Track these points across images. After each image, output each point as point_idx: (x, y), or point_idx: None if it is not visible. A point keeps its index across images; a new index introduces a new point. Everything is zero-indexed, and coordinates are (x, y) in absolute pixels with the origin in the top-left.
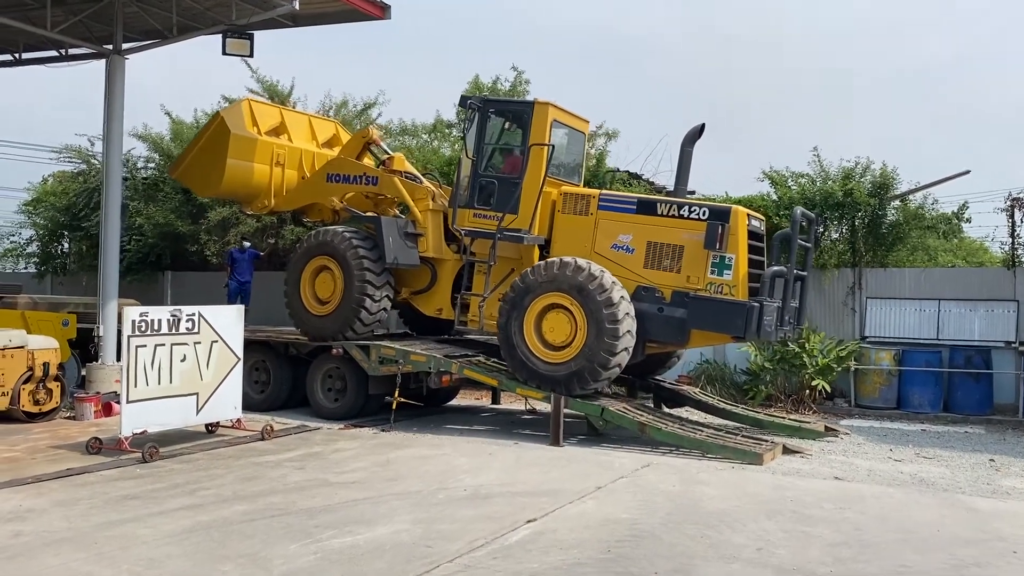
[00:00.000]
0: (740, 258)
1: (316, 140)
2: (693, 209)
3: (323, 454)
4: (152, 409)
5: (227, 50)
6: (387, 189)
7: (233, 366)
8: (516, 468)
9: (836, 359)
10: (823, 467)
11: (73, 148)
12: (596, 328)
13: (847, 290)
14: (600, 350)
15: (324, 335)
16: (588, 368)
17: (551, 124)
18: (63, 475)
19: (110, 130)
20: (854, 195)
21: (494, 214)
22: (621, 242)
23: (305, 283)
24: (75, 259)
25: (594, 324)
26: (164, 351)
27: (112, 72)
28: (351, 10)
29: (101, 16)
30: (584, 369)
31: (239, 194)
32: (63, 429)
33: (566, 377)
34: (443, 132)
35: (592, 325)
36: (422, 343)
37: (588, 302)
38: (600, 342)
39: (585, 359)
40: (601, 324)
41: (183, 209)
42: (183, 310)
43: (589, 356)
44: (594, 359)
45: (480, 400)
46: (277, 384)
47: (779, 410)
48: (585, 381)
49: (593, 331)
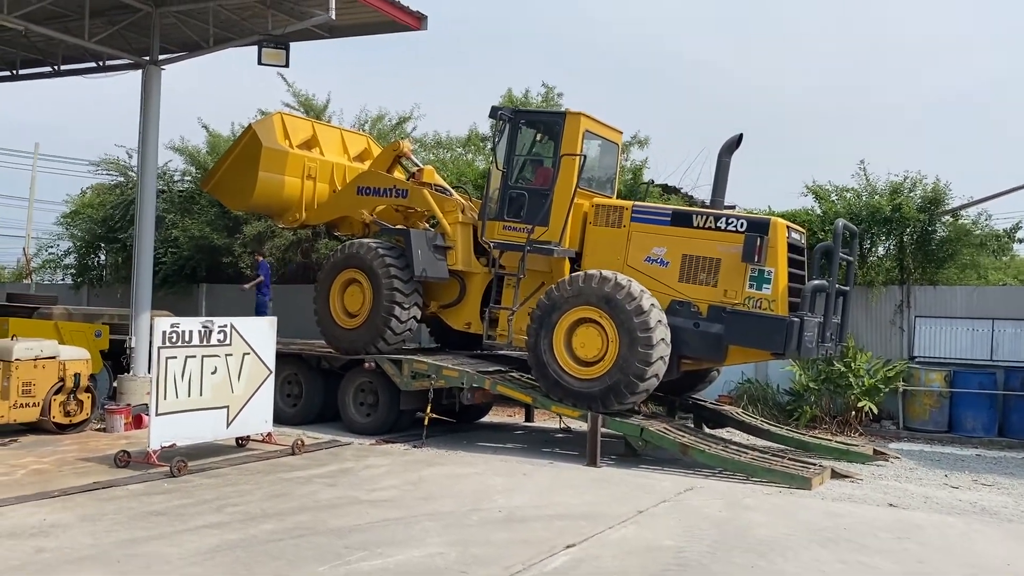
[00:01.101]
0: (780, 272)
1: (348, 154)
2: (730, 221)
3: (354, 470)
4: (181, 422)
5: (262, 60)
6: (417, 202)
7: (265, 379)
8: (552, 489)
9: (884, 380)
10: (875, 493)
11: (111, 160)
12: (628, 338)
13: (895, 308)
14: (635, 361)
15: (352, 348)
16: (624, 381)
17: (583, 135)
18: (90, 489)
19: (146, 140)
20: (902, 210)
21: (524, 226)
22: (655, 255)
23: (334, 296)
24: (111, 271)
25: (625, 334)
26: (195, 363)
27: (148, 82)
28: (388, 21)
29: (138, 27)
30: (620, 383)
31: (271, 207)
32: (93, 441)
33: (602, 393)
34: (477, 145)
35: (624, 336)
36: (454, 358)
37: (617, 313)
38: (633, 352)
39: (620, 372)
40: (633, 333)
41: (219, 222)
42: (215, 321)
43: (623, 368)
44: (629, 371)
45: (512, 417)
46: (309, 398)
47: (824, 432)
48: (622, 395)
49: (625, 342)
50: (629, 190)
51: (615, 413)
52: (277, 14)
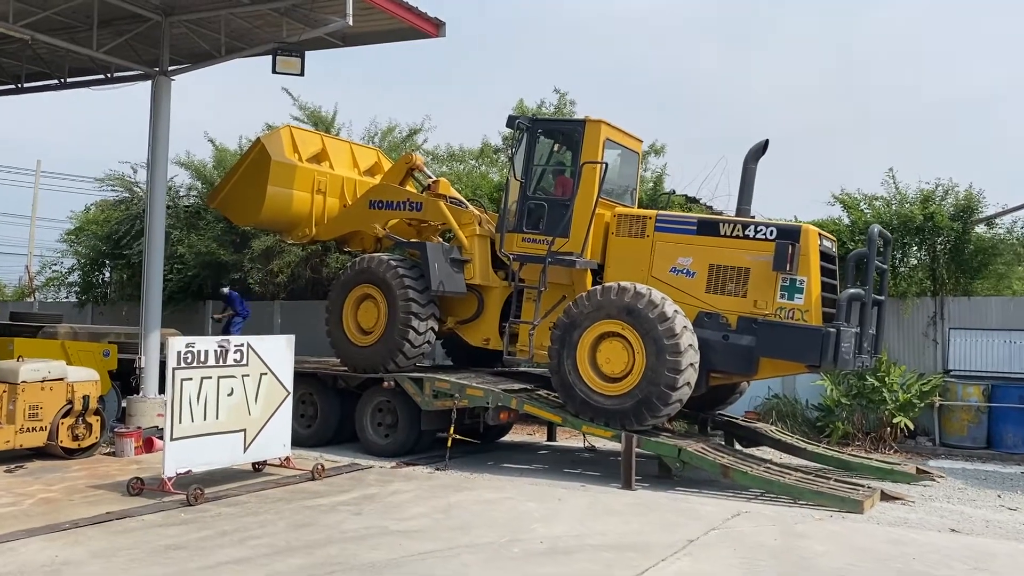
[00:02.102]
0: (812, 280)
1: (358, 168)
2: (759, 229)
3: (379, 496)
4: (197, 447)
5: (277, 68)
6: (432, 214)
7: (283, 400)
8: (591, 516)
9: (919, 394)
10: (932, 516)
11: (116, 176)
12: (654, 347)
13: (927, 320)
14: (664, 370)
15: (367, 366)
16: (655, 393)
17: (603, 143)
18: (103, 520)
19: (155, 152)
20: (935, 219)
21: (544, 238)
22: (681, 265)
23: (347, 312)
24: (116, 288)
25: (651, 344)
26: (211, 384)
27: (158, 93)
28: (406, 28)
29: (147, 38)
30: (651, 395)
31: (279, 223)
32: (103, 467)
33: (634, 408)
34: (491, 157)
35: (649, 345)
36: (477, 376)
37: (640, 322)
38: (661, 361)
39: (649, 383)
40: (659, 342)
41: (225, 237)
42: (231, 340)
43: (653, 379)
44: (659, 381)
45: (533, 435)
46: (324, 418)
47: (857, 449)
48: (654, 408)
49: (652, 351)
50: (650, 200)
51: (649, 432)
52: (291, 22)
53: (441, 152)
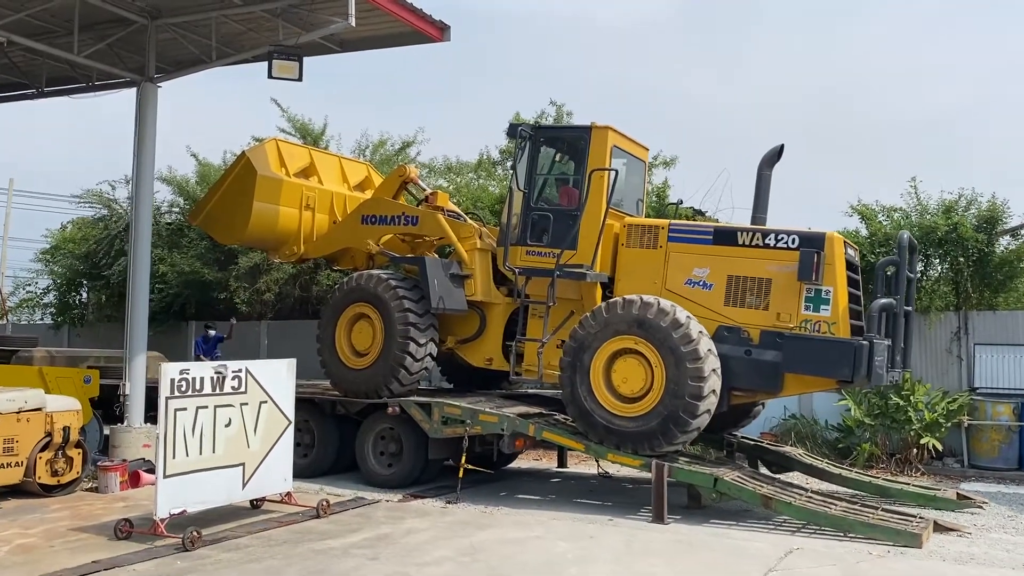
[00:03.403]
0: (839, 291)
1: (348, 182)
2: (780, 237)
3: (393, 537)
4: (192, 484)
5: (273, 73)
6: (429, 228)
7: (283, 431)
8: (631, 556)
9: (945, 413)
10: (996, 551)
11: (94, 192)
12: (672, 357)
13: (951, 336)
14: (687, 380)
15: (362, 391)
16: (681, 406)
17: (611, 150)
18: (88, 571)
19: (141, 163)
20: (959, 230)
21: (549, 251)
22: (696, 277)
23: (340, 333)
24: (94, 309)
25: (668, 353)
26: (206, 415)
27: (144, 101)
28: (408, 32)
29: (132, 43)
30: (677, 408)
31: (266, 240)
32: (85, 505)
33: (660, 426)
34: (488, 170)
35: (666, 355)
36: (488, 400)
37: (654, 334)
38: (682, 371)
39: (673, 397)
40: (675, 350)
41: (209, 256)
42: (228, 366)
43: (676, 392)
44: (683, 392)
45: (540, 460)
46: (322, 447)
47: (882, 472)
48: (682, 423)
49: (671, 362)
50: (656, 212)
51: (672, 457)
52: (287, 25)
53: (438, 164)
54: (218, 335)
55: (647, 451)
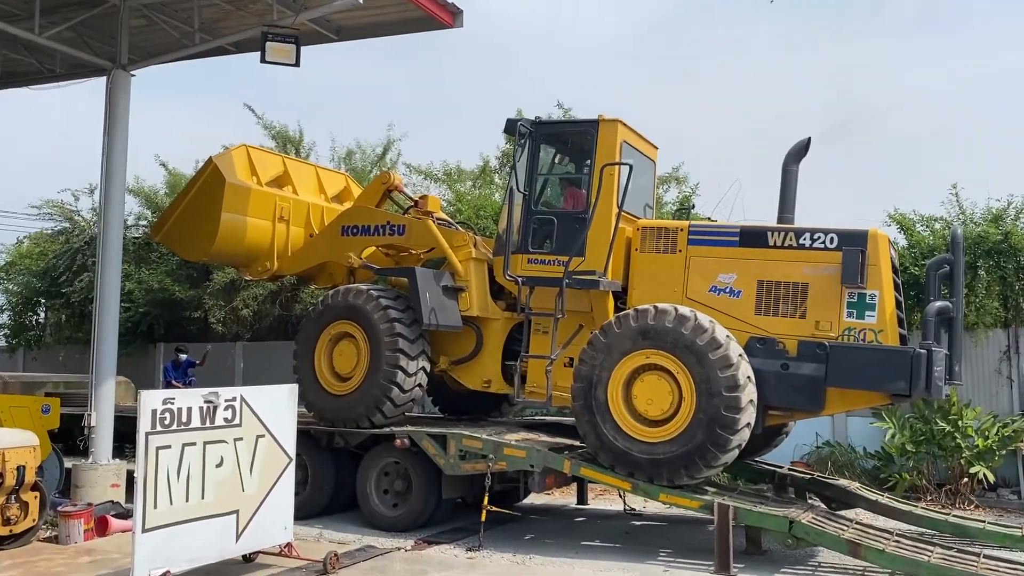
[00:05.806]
0: (885, 295)
1: (325, 193)
2: (817, 236)
3: None
4: (177, 537)
5: (267, 57)
6: (417, 239)
7: (283, 470)
8: None
9: (999, 440)
10: None
11: (55, 204)
12: (698, 364)
13: (1000, 355)
14: (720, 389)
15: (344, 419)
16: (717, 420)
17: (621, 146)
18: None
19: (111, 161)
20: (1011, 239)
21: (555, 258)
22: (722, 283)
23: (320, 354)
24: (52, 330)
25: (692, 359)
26: (194, 453)
27: (115, 91)
28: (416, 17)
29: (102, 30)
30: (713, 423)
31: (236, 255)
32: (43, 560)
33: (698, 447)
34: (489, 177)
35: (691, 362)
36: (508, 431)
37: (666, 339)
38: (712, 373)
39: (703, 412)
40: (702, 357)
41: (180, 272)
42: (220, 394)
43: (711, 397)
44: (717, 403)
45: (552, 495)
46: (317, 484)
47: (930, 504)
48: (721, 440)
49: (696, 371)
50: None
51: (735, 496)
52: (281, 8)
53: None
54: (189, 359)
55: (684, 479)
